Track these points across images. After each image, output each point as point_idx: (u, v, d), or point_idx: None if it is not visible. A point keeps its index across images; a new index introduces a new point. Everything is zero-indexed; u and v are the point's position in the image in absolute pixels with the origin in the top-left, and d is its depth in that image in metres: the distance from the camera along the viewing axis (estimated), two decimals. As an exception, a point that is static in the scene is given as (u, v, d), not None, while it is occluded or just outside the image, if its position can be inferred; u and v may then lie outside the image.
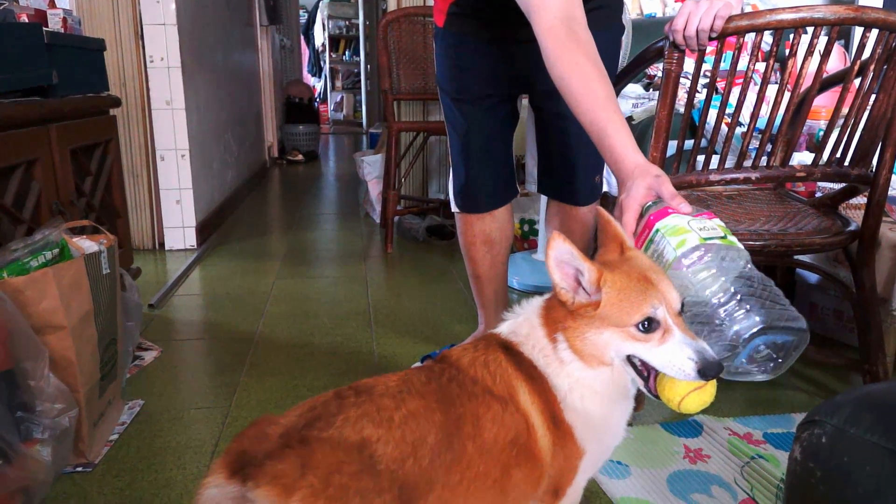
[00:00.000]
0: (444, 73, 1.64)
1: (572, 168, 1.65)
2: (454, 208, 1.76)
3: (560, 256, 0.89)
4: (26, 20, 1.80)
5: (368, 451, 0.76)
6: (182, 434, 1.54)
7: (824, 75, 1.45)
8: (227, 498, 0.71)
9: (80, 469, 1.40)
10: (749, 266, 0.92)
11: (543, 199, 2.56)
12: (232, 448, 0.75)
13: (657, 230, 0.96)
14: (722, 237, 0.92)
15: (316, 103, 7.27)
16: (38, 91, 1.70)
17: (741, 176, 1.47)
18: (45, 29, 1.75)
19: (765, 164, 1.51)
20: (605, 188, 1.78)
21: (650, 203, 0.99)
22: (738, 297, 0.90)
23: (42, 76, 1.68)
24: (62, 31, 1.95)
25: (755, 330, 0.88)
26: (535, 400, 0.92)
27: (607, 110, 1.10)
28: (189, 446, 1.49)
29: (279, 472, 0.70)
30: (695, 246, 0.90)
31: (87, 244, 1.46)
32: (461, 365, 0.93)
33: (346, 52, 10.07)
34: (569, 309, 0.90)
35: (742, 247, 0.93)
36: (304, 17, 9.77)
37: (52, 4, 2.07)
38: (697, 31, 1.34)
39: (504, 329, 0.99)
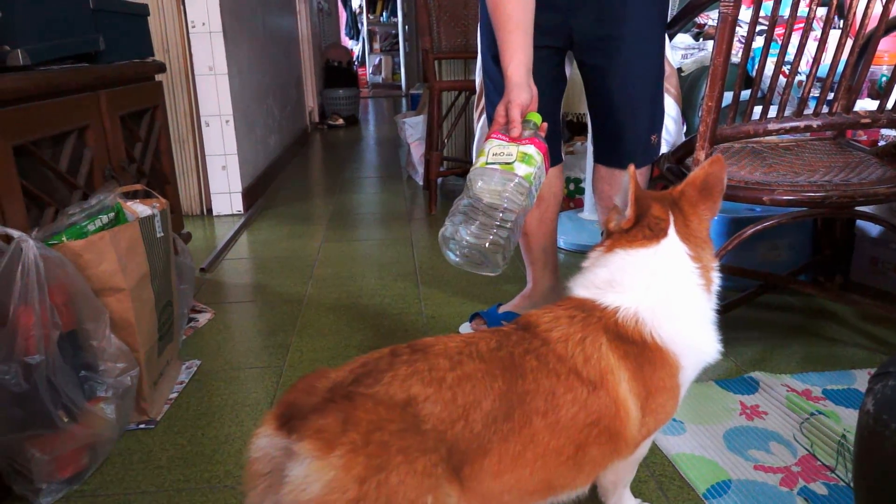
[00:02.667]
0: (488, 32, 1.60)
1: (620, 127, 1.58)
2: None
3: None
4: (72, -13, 1.81)
5: (413, 410, 0.75)
6: (238, 392, 1.57)
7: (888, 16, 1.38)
8: (275, 448, 0.72)
9: (142, 426, 1.44)
10: (510, 189, 1.16)
11: (589, 156, 2.52)
12: (283, 400, 0.76)
13: (482, 146, 1.24)
14: (506, 164, 1.18)
15: (355, 66, 7.24)
16: (86, 57, 1.72)
17: (802, 124, 1.41)
18: (90, -5, 1.76)
19: (826, 112, 1.44)
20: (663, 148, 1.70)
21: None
22: (461, 206, 1.18)
23: (89, 42, 1.70)
24: (107, -3, 1.96)
25: (445, 234, 1.18)
26: (634, 387, 0.88)
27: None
28: (245, 404, 1.52)
29: (321, 426, 0.70)
30: (476, 166, 1.20)
31: (140, 208, 1.48)
32: (549, 338, 0.88)
33: (384, 13, 9.97)
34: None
35: (517, 176, 1.16)
36: (340, -20, 9.68)
37: (96, -29, 2.07)
38: None
39: (615, 303, 0.92)
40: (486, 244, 1.14)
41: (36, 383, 1.13)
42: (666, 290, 0.93)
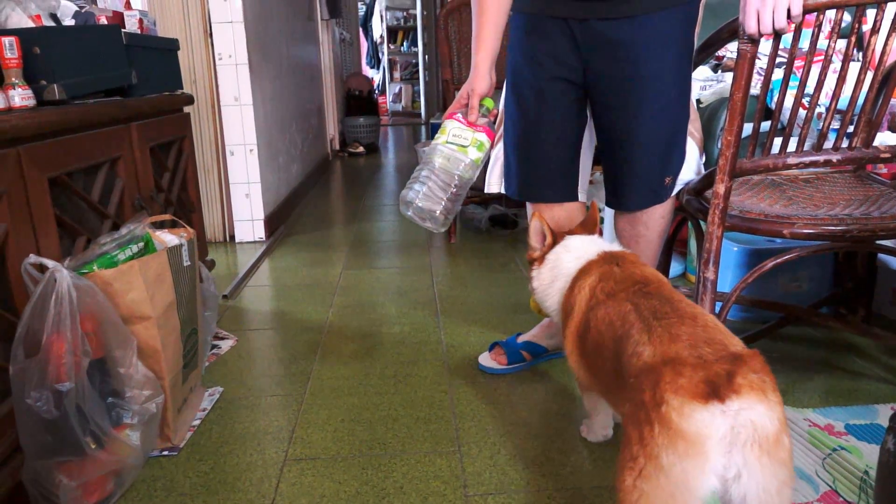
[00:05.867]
0: (516, 59, 1.62)
1: (625, 169, 1.58)
2: (496, 190, 1.80)
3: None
4: (105, 22, 1.88)
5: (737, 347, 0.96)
6: (260, 420, 1.59)
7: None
8: (718, 415, 0.83)
9: (166, 453, 1.46)
10: (461, 168, 1.45)
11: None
12: (688, 383, 0.86)
13: (443, 123, 1.51)
14: (461, 146, 1.46)
15: (375, 95, 7.34)
16: (119, 91, 1.77)
17: (821, 158, 1.41)
18: (122, 30, 1.81)
19: (846, 146, 1.45)
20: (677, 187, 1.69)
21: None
22: (421, 176, 1.45)
23: (122, 76, 1.75)
24: (139, 31, 2.02)
25: (406, 198, 1.45)
26: None
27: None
28: (268, 432, 1.54)
29: (751, 381, 0.85)
30: (438, 142, 1.48)
31: (168, 237, 1.51)
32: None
33: (405, 43, 10.12)
34: None
35: (469, 158, 1.46)
36: (362, 10, 9.85)
37: (129, 6, 2.14)
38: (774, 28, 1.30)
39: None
40: (438, 211, 1.44)
41: (66, 410, 1.15)
42: None
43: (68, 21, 1.78)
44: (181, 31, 2.96)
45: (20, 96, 1.37)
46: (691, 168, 1.66)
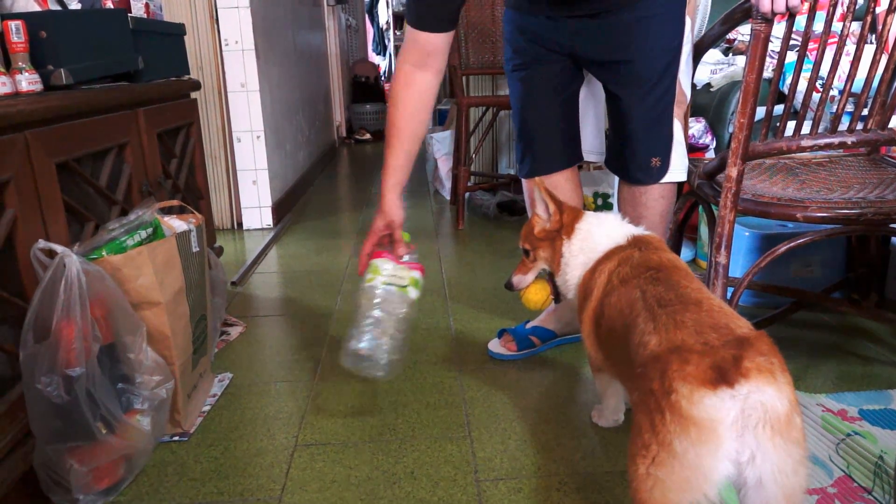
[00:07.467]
0: (507, 46, 1.67)
1: (623, 142, 1.60)
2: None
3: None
4: (112, 7, 1.86)
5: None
6: (270, 406, 1.59)
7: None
8: (727, 398, 0.83)
9: (176, 438, 1.46)
10: (404, 309, 1.44)
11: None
12: (696, 370, 0.85)
13: (372, 263, 1.48)
14: (401, 286, 1.44)
15: (382, 82, 7.31)
16: (126, 76, 1.76)
17: (836, 141, 1.39)
18: (129, 15, 1.80)
19: (861, 129, 1.43)
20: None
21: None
22: (368, 322, 1.40)
23: (129, 62, 1.74)
24: (145, 16, 2.01)
25: (352, 348, 1.38)
26: None
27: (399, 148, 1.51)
28: (277, 417, 1.54)
29: (759, 364, 0.85)
30: (375, 284, 1.44)
31: (177, 223, 1.51)
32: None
33: (411, 30, 10.05)
34: None
35: (412, 296, 1.46)
36: (368, -4, 9.79)
37: (134, -9, 2.13)
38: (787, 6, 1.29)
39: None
40: (396, 357, 1.41)
41: (77, 395, 1.15)
42: None
43: (75, 5, 1.77)
44: (187, 17, 2.95)
45: (27, 81, 1.37)
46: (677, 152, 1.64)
